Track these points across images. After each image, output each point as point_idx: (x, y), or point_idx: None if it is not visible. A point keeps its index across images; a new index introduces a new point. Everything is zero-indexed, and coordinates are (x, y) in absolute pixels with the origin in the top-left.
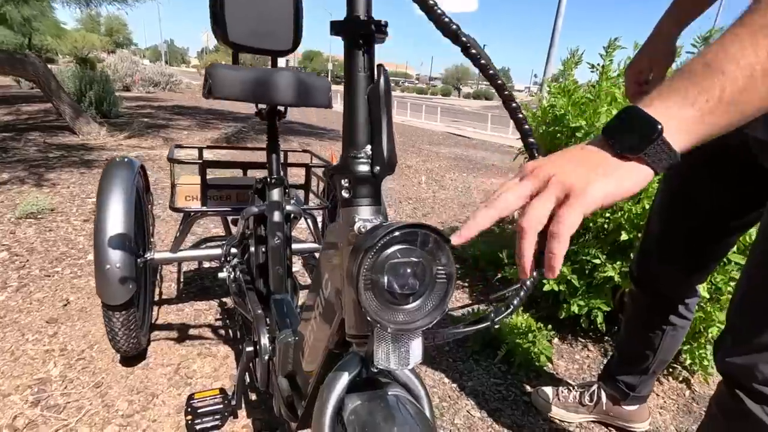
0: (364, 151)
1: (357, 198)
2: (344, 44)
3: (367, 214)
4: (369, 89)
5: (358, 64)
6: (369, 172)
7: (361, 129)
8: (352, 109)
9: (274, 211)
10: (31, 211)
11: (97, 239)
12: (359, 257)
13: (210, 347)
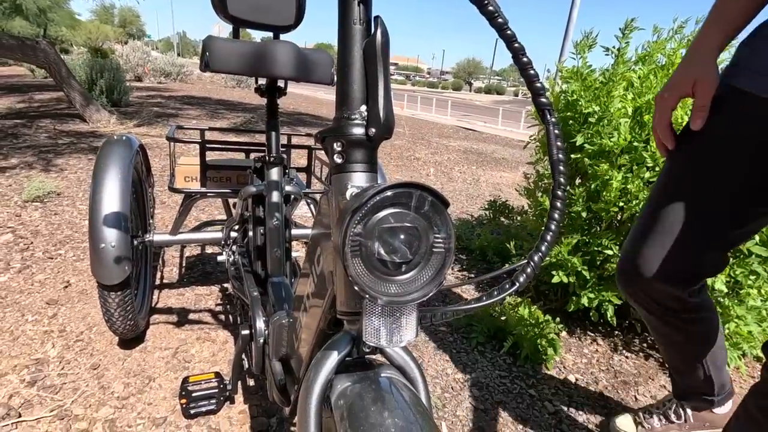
0: (358, 112)
1: (350, 163)
2: None
3: (362, 180)
4: (365, 43)
5: (352, 14)
6: (364, 135)
7: (356, 87)
8: (346, 65)
9: (272, 191)
10: (38, 194)
11: (92, 217)
12: (346, 220)
13: (209, 332)
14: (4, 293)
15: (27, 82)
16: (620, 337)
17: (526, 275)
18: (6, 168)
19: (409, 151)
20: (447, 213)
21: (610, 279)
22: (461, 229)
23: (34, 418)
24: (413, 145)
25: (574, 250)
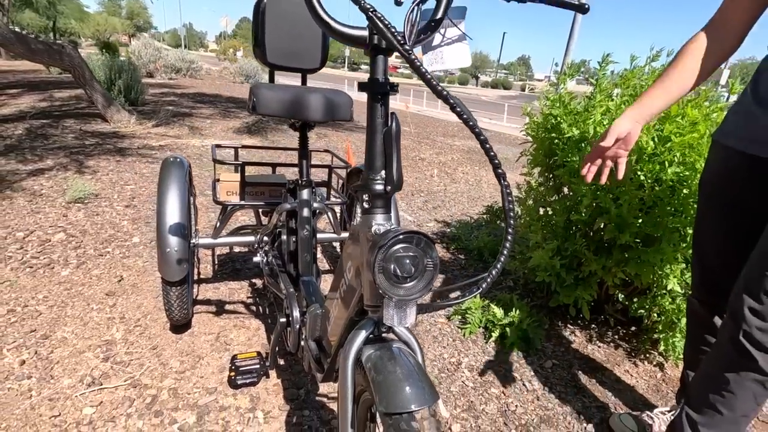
0: (380, 175)
1: (374, 209)
2: (367, 98)
3: (381, 220)
4: (384, 131)
5: (377, 113)
6: (383, 190)
7: (378, 159)
8: (372, 144)
9: (304, 208)
10: (79, 196)
11: (160, 227)
12: (375, 252)
13: (243, 320)
14: (69, 285)
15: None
16: (595, 329)
17: (486, 283)
18: (44, 169)
19: (414, 151)
20: (434, 246)
21: (584, 280)
22: (461, 230)
23: (113, 386)
24: (418, 145)
25: (555, 254)
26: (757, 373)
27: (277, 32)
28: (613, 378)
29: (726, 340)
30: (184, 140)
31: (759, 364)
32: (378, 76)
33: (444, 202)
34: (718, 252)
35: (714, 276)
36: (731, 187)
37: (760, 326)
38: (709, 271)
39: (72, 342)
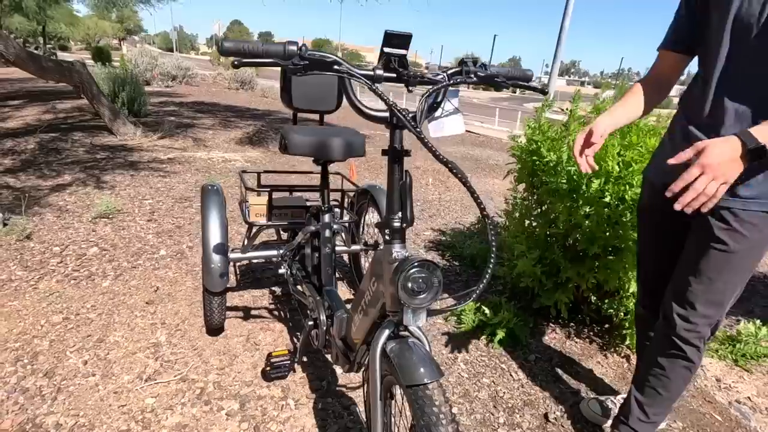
0: (397, 216)
1: (393, 240)
2: (388, 160)
3: (399, 248)
4: (401, 184)
5: (395, 171)
6: (400, 227)
7: (396, 204)
8: (391, 193)
9: (326, 230)
10: (104, 211)
11: (204, 246)
12: (398, 274)
13: (268, 323)
14: (112, 295)
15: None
16: (573, 327)
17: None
18: (64, 185)
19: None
20: (439, 268)
21: (562, 284)
22: (455, 238)
23: (166, 380)
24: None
25: (537, 262)
26: (685, 360)
27: (301, 82)
28: (586, 368)
29: (661, 336)
30: (190, 153)
31: (687, 354)
32: (396, 145)
33: (439, 211)
34: (654, 266)
35: (653, 285)
36: (655, 214)
37: (686, 327)
38: (649, 281)
39: (124, 345)
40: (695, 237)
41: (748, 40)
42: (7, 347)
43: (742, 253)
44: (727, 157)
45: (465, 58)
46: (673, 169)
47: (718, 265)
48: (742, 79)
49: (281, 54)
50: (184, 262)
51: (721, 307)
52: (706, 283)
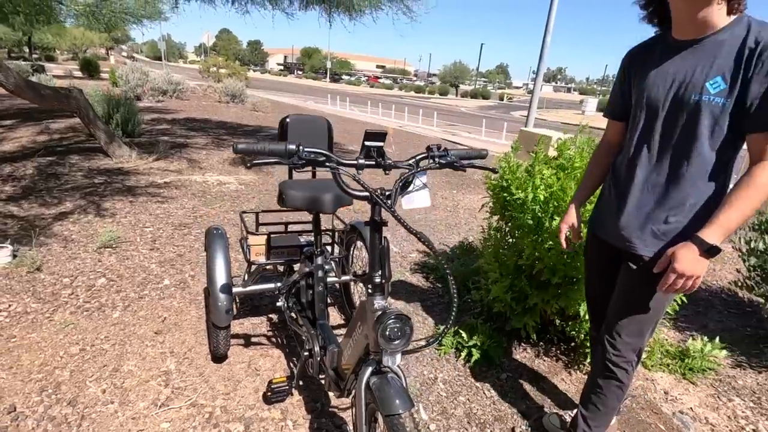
0: (378, 273)
1: (375, 293)
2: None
3: (379, 300)
4: (380, 248)
5: (375, 238)
6: (380, 282)
7: (377, 264)
8: (373, 255)
9: (318, 270)
10: (108, 242)
11: (211, 286)
12: (379, 325)
13: (267, 350)
14: (123, 326)
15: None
16: (542, 346)
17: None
18: (67, 213)
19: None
20: (411, 320)
21: (530, 309)
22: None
23: (177, 406)
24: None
25: (508, 289)
26: (617, 381)
27: (296, 137)
28: (552, 384)
29: (599, 359)
30: (186, 176)
31: (617, 376)
32: (375, 217)
33: (424, 231)
34: (597, 300)
35: (598, 315)
36: (597, 259)
37: (614, 353)
38: (594, 311)
39: (137, 373)
40: (623, 279)
41: (656, 121)
42: (31, 378)
43: (657, 294)
44: (691, 258)
45: (430, 146)
46: (609, 228)
47: (638, 303)
48: (652, 152)
49: (283, 153)
50: (188, 291)
51: (642, 337)
52: (630, 317)
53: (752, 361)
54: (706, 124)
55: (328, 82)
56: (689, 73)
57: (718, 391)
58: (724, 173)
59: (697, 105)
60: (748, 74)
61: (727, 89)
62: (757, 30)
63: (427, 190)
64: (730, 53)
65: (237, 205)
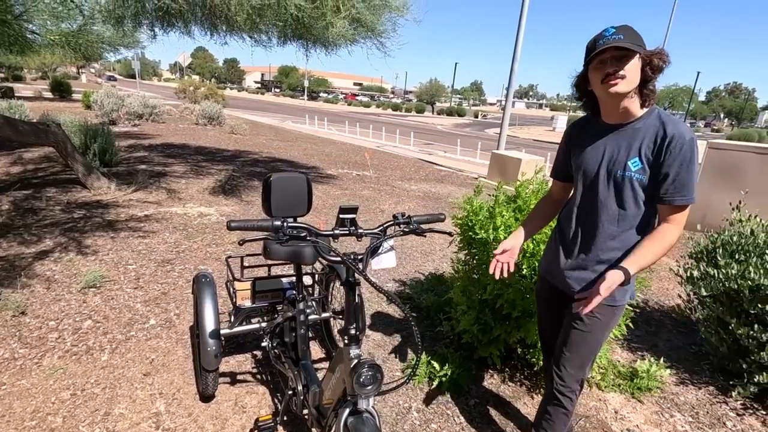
0: (353, 327)
1: (350, 344)
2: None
3: (355, 349)
4: (354, 305)
5: (350, 296)
6: (355, 334)
7: (352, 318)
8: (348, 310)
9: (300, 315)
10: (92, 281)
11: (201, 332)
12: (354, 373)
13: (252, 387)
14: (111, 369)
15: None
16: (507, 372)
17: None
18: (47, 252)
19: (375, 202)
20: (382, 368)
21: (494, 340)
22: (414, 289)
23: None
24: (378, 194)
25: (474, 321)
26: (562, 408)
27: (279, 195)
28: (515, 409)
29: (549, 388)
30: (166, 208)
31: (563, 403)
32: (350, 278)
33: (401, 260)
34: (547, 334)
35: (548, 347)
36: (546, 300)
37: (560, 383)
38: (545, 344)
39: (129, 416)
40: (566, 318)
41: (591, 187)
42: (25, 426)
43: (594, 332)
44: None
45: (395, 214)
46: (554, 272)
47: (579, 340)
48: (589, 212)
49: (270, 228)
50: (174, 330)
51: (583, 369)
52: (572, 352)
53: (693, 378)
54: (629, 194)
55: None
56: (616, 152)
57: (662, 408)
58: (646, 228)
59: (621, 178)
60: (659, 160)
61: (642, 168)
62: (665, 124)
63: (394, 252)
64: (645, 139)
65: (219, 237)
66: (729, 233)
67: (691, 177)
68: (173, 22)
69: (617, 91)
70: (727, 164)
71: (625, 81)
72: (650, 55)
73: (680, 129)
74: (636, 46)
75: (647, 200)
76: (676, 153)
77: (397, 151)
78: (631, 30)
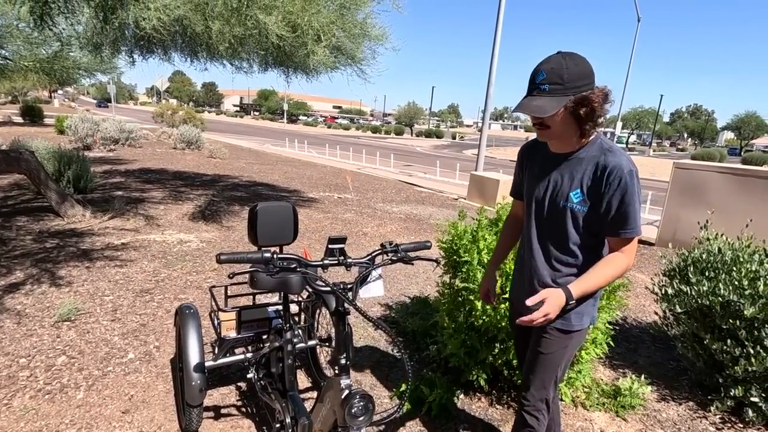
0: (344, 357)
1: (341, 374)
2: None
3: (345, 379)
4: (345, 333)
5: (340, 324)
6: (345, 364)
7: (342, 347)
8: (338, 339)
9: (288, 345)
10: (66, 314)
11: (185, 366)
12: (346, 404)
13: (237, 421)
14: (88, 408)
15: None
16: (495, 395)
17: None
18: (18, 284)
19: (357, 225)
20: (373, 399)
21: (482, 363)
22: (399, 313)
23: None
24: (360, 217)
25: (461, 345)
26: (529, 427)
27: (265, 223)
28: (503, 430)
29: (519, 409)
30: (144, 235)
31: (528, 422)
32: (339, 308)
33: (386, 283)
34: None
35: None
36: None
37: (526, 403)
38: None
39: None
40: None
41: (538, 214)
42: None
43: (552, 354)
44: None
45: (383, 243)
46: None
47: (538, 361)
48: (539, 238)
49: (260, 260)
50: (153, 364)
51: (545, 389)
52: (534, 373)
53: (674, 394)
54: (571, 224)
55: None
56: (560, 182)
57: (646, 425)
58: (593, 255)
59: (564, 208)
60: (600, 191)
61: (583, 199)
62: (605, 155)
63: (382, 281)
64: (586, 171)
65: (199, 264)
66: (699, 251)
67: (633, 209)
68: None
69: (544, 139)
70: (693, 183)
71: (549, 131)
72: (576, 105)
73: (619, 160)
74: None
75: (593, 230)
76: (615, 185)
77: (377, 173)
78: (562, 71)
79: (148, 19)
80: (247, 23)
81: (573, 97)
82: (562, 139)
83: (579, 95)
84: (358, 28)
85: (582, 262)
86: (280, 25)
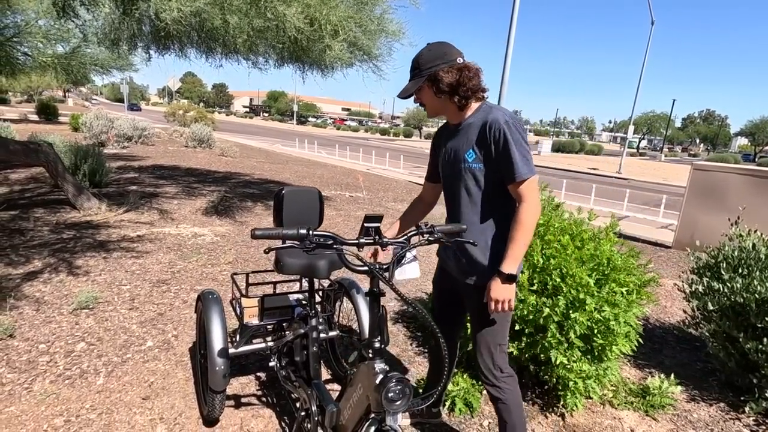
0: (378, 339)
1: (375, 358)
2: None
3: (380, 364)
4: (379, 315)
5: (374, 306)
6: (379, 347)
7: (376, 330)
8: (372, 321)
9: (313, 332)
10: (85, 302)
11: (209, 352)
12: (382, 388)
13: (257, 410)
14: (108, 393)
15: None
16: None
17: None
18: (36, 273)
19: None
20: (410, 382)
21: None
22: None
23: None
24: None
25: None
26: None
27: (291, 209)
28: (530, 428)
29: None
30: (158, 228)
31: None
32: (374, 288)
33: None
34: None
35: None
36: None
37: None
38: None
39: None
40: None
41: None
42: None
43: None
44: (499, 288)
45: (420, 223)
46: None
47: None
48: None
49: (296, 236)
50: (172, 352)
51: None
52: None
53: (704, 395)
54: (472, 183)
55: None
56: (456, 148)
57: (677, 425)
58: (505, 214)
59: (463, 170)
60: (487, 145)
61: (477, 157)
62: (486, 114)
63: (417, 262)
64: (476, 132)
65: (214, 257)
66: (730, 248)
67: (517, 153)
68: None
69: (430, 115)
70: (711, 185)
71: (427, 107)
72: (431, 82)
73: (495, 115)
74: (413, 82)
75: (496, 186)
76: (496, 136)
77: (387, 174)
78: (419, 58)
79: (169, 10)
80: (267, 14)
81: (427, 76)
82: (447, 113)
83: (430, 73)
84: (375, 23)
85: (493, 217)
86: (299, 17)
